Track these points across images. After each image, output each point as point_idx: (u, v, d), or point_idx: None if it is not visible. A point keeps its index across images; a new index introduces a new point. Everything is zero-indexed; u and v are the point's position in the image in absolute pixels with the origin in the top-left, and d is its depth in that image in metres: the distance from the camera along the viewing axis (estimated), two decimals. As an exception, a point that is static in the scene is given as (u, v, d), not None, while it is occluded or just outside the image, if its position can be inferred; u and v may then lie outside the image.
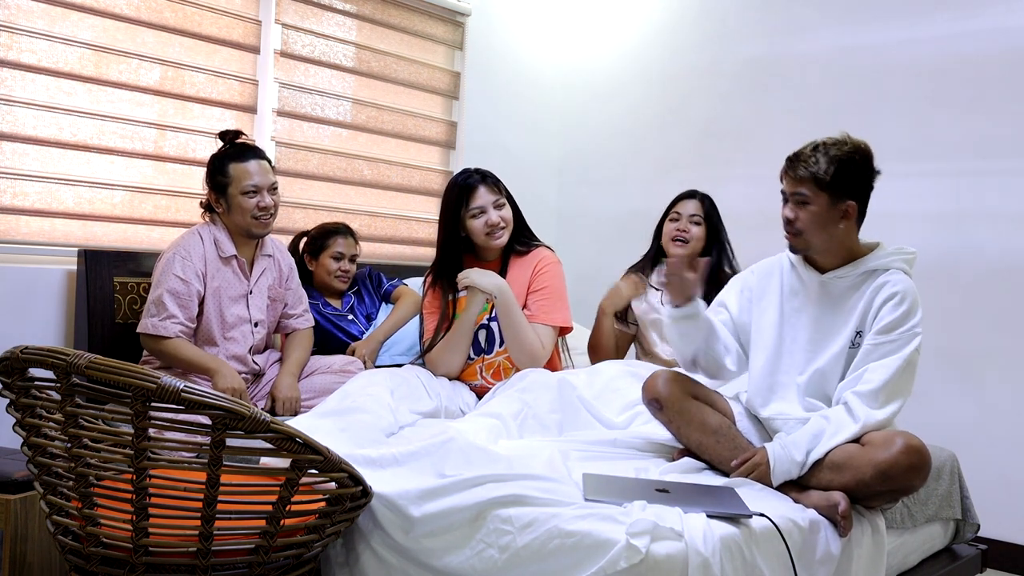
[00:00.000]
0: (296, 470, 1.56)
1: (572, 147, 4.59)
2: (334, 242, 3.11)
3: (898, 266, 2.17)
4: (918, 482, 1.98)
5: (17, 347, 1.57)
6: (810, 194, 2.11)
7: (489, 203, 2.77)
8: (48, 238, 2.83)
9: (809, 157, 2.12)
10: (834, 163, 2.10)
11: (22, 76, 2.75)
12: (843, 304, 2.18)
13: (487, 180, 2.80)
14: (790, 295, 2.26)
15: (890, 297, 2.10)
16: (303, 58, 3.56)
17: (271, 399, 2.69)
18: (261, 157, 2.71)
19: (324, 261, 3.11)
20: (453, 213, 2.80)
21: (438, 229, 2.88)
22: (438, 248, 2.88)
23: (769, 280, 2.32)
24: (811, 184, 2.10)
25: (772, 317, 2.27)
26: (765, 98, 3.86)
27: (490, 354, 2.78)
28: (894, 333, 2.08)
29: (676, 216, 3.06)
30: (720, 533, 1.68)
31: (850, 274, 2.17)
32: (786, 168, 2.16)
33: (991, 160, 3.28)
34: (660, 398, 2.23)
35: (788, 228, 2.16)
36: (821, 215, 2.12)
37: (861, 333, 2.14)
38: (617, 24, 4.42)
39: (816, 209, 2.11)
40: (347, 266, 3.12)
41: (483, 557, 1.72)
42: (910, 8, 3.47)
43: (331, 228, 3.15)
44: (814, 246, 2.17)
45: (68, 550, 1.65)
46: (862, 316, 2.14)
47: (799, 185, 2.12)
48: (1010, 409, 3.21)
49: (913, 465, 1.94)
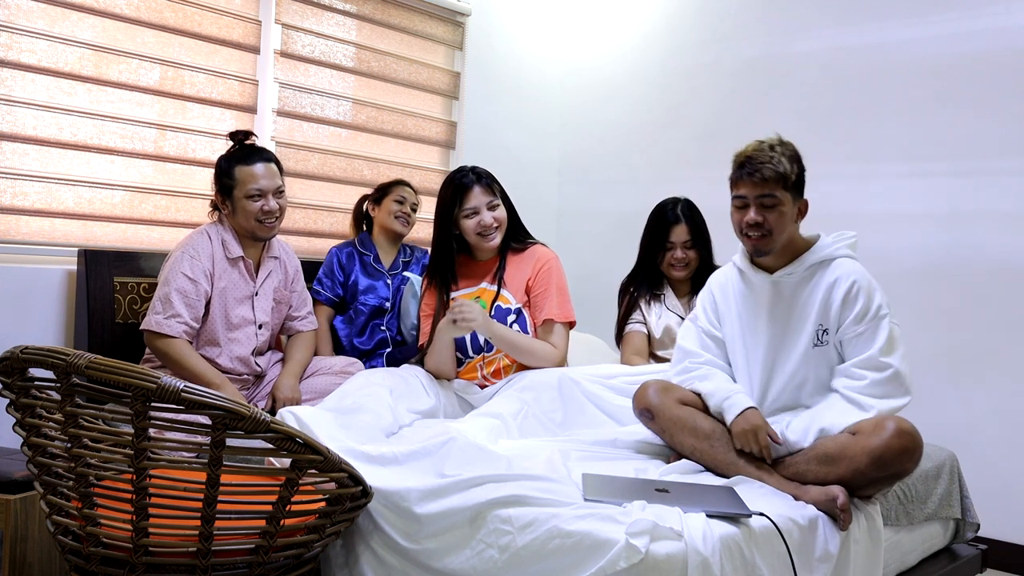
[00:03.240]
0: (296, 470, 1.56)
1: (572, 147, 4.59)
2: (398, 189, 3.29)
3: (843, 253, 2.21)
4: (911, 465, 2.00)
5: (17, 347, 1.57)
6: (779, 195, 2.13)
7: (483, 204, 2.77)
8: (48, 238, 2.83)
9: (770, 158, 2.13)
10: (794, 162, 2.15)
11: (22, 76, 2.75)
12: (796, 301, 2.21)
13: (482, 180, 2.80)
14: (744, 302, 2.28)
15: (848, 291, 2.15)
16: (303, 58, 3.56)
17: (272, 400, 2.69)
18: (268, 160, 2.70)
19: (387, 204, 3.27)
20: (447, 212, 2.80)
21: (433, 227, 2.88)
22: (432, 247, 2.88)
23: (726, 294, 2.35)
24: (778, 185, 2.13)
25: (736, 329, 2.30)
26: (765, 98, 3.86)
27: (490, 352, 2.78)
28: (863, 323, 2.13)
29: (670, 245, 3.06)
30: (720, 533, 1.68)
31: (798, 270, 2.20)
32: (747, 171, 2.14)
33: (991, 160, 3.28)
34: (651, 407, 2.25)
35: (755, 231, 2.16)
36: (788, 215, 2.15)
37: (826, 331, 2.16)
38: (617, 24, 4.42)
39: (785, 209, 2.14)
40: (408, 209, 3.28)
41: (483, 557, 1.72)
42: (910, 8, 3.47)
43: (394, 180, 3.35)
44: (777, 246, 2.19)
45: (68, 550, 1.65)
46: (821, 311, 2.17)
47: (766, 187, 2.13)
48: (1010, 409, 3.21)
49: (906, 448, 1.96)
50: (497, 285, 2.83)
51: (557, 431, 2.45)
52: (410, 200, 3.29)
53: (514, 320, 2.78)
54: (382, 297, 3.19)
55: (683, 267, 3.06)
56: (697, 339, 2.39)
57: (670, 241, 3.06)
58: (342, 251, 3.24)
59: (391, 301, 3.20)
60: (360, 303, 3.16)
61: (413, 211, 3.31)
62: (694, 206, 3.10)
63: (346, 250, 3.24)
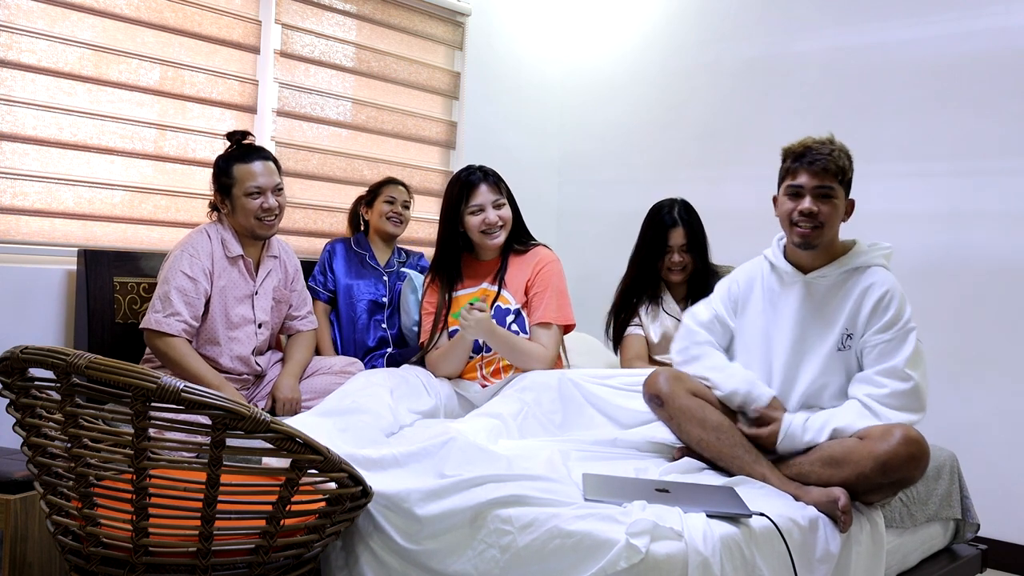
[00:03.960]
0: (296, 470, 1.56)
1: (572, 147, 4.59)
2: (388, 189, 3.29)
3: (879, 263, 2.20)
4: (917, 473, 1.99)
5: (17, 347, 1.56)
6: (835, 187, 2.13)
7: (489, 202, 2.79)
8: (48, 238, 2.83)
9: (831, 151, 2.13)
10: (849, 159, 2.16)
11: (22, 76, 2.75)
12: (827, 305, 2.19)
13: (489, 179, 2.83)
14: (772, 298, 2.27)
15: (880, 298, 2.13)
16: (303, 58, 3.56)
17: (272, 399, 2.69)
18: (266, 158, 2.71)
19: (378, 206, 3.28)
20: (454, 208, 2.82)
21: (439, 225, 2.90)
22: (438, 244, 2.90)
23: (752, 287, 2.34)
24: (835, 178, 2.13)
25: (759, 324, 2.29)
26: (765, 98, 3.86)
27: (489, 352, 2.78)
28: (891, 331, 2.11)
29: (668, 249, 3.05)
30: (720, 533, 1.68)
31: (832, 273, 2.19)
32: (807, 160, 2.13)
33: (991, 160, 3.28)
34: (661, 394, 2.24)
35: (809, 221, 2.14)
36: (839, 209, 2.16)
37: (851, 336, 2.15)
38: (617, 24, 4.42)
39: (838, 203, 2.15)
40: (399, 209, 3.28)
41: (484, 558, 1.72)
42: (910, 8, 3.47)
43: (384, 180, 3.34)
44: (825, 240, 2.18)
45: (68, 550, 1.65)
46: (850, 317, 2.15)
47: (824, 178, 2.12)
48: (1010, 409, 3.21)
49: (913, 455, 1.95)
50: (498, 285, 2.84)
51: (557, 432, 2.45)
52: (400, 199, 3.29)
53: (513, 320, 2.79)
54: (378, 293, 3.19)
55: (680, 271, 3.04)
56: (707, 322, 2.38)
57: (668, 245, 3.05)
58: (333, 246, 3.27)
59: (388, 297, 3.21)
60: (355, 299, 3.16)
61: (405, 208, 3.31)
62: (691, 207, 3.09)
63: (338, 245, 3.27)
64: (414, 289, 3.19)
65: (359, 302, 3.17)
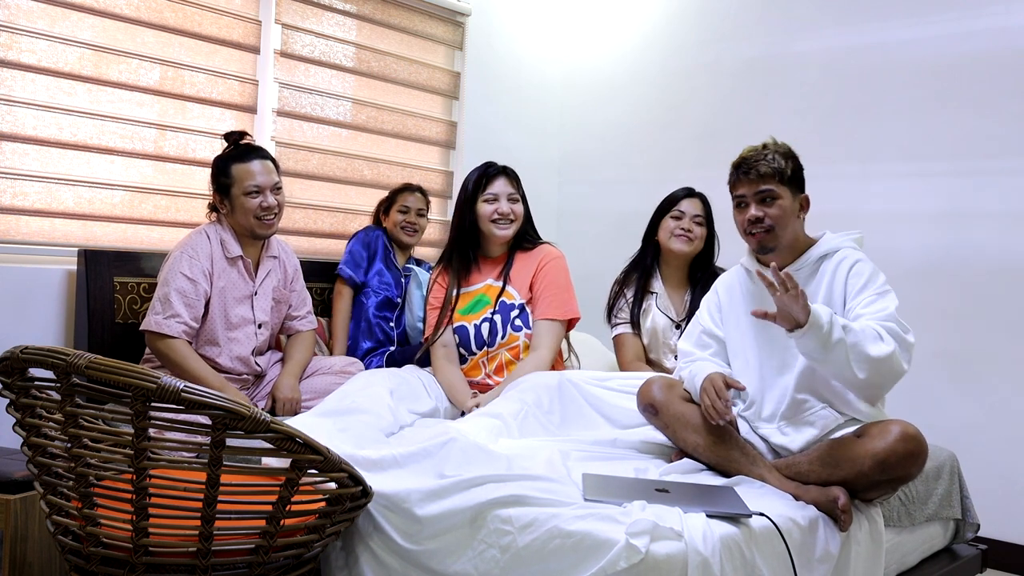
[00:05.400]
0: (296, 470, 1.56)
1: (572, 147, 4.59)
2: (402, 197, 3.31)
3: (848, 245, 2.22)
4: (915, 470, 1.99)
5: (17, 347, 1.56)
6: (776, 189, 2.17)
7: (504, 193, 2.88)
8: (48, 238, 2.83)
9: (764, 155, 2.18)
10: (788, 159, 2.20)
11: (22, 76, 2.75)
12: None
13: (508, 173, 2.93)
14: (753, 302, 2.28)
15: (851, 267, 2.16)
16: (303, 58, 3.56)
17: (271, 399, 2.69)
18: (264, 157, 2.71)
19: (392, 215, 3.30)
20: (470, 197, 2.89)
21: (452, 218, 2.99)
22: (450, 236, 2.98)
23: (732, 293, 2.36)
24: (775, 180, 2.17)
25: (744, 328, 2.30)
26: (765, 98, 3.86)
27: (492, 347, 2.83)
28: (870, 289, 2.11)
29: (679, 215, 3.04)
30: (720, 533, 1.68)
31: (804, 264, 2.22)
32: (743, 171, 2.20)
33: (991, 160, 3.28)
34: (655, 403, 2.26)
35: (757, 227, 2.19)
36: (788, 209, 2.18)
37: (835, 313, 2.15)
38: (617, 24, 4.42)
39: (784, 203, 2.18)
40: (413, 219, 3.29)
41: (485, 558, 1.72)
42: (910, 8, 3.47)
43: (401, 186, 3.36)
44: (782, 241, 2.20)
45: (68, 550, 1.65)
46: (829, 295, 2.17)
47: (763, 183, 2.17)
48: (1010, 409, 3.21)
49: (911, 452, 1.95)
50: (503, 281, 2.89)
51: (556, 432, 2.45)
52: (415, 207, 3.30)
53: (517, 315, 2.85)
54: (395, 292, 3.21)
55: (687, 241, 3.01)
56: (696, 340, 2.40)
57: (680, 210, 3.04)
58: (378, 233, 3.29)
59: (401, 297, 3.23)
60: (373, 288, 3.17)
61: (420, 216, 3.32)
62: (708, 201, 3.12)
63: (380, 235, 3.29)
64: (419, 285, 3.22)
65: (376, 295, 3.17)
